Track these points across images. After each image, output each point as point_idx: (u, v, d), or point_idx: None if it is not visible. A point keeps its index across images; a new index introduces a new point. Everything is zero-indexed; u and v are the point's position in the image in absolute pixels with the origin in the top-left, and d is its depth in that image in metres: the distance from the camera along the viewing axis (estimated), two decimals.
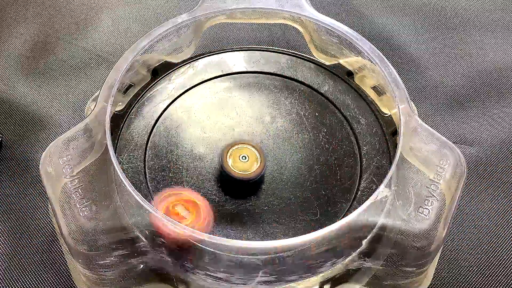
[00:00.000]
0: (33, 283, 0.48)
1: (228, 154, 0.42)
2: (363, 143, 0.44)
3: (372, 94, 0.46)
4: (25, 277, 0.48)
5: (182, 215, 0.36)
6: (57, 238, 0.49)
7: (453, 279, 0.49)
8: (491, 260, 0.50)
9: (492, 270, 0.49)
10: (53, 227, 0.50)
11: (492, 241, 0.51)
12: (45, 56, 0.61)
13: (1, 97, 0.58)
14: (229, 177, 0.41)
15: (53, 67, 0.60)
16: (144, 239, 0.39)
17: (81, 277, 0.42)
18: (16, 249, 0.50)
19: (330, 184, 0.42)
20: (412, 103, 0.44)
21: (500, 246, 0.51)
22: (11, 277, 0.48)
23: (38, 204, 0.52)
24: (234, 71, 0.47)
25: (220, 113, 0.45)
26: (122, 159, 0.43)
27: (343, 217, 0.41)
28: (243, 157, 0.42)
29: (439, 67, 0.61)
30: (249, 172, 0.41)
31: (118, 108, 0.45)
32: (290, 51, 0.48)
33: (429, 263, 0.42)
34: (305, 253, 0.40)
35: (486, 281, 0.49)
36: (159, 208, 0.36)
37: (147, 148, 0.43)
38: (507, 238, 0.51)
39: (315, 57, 0.49)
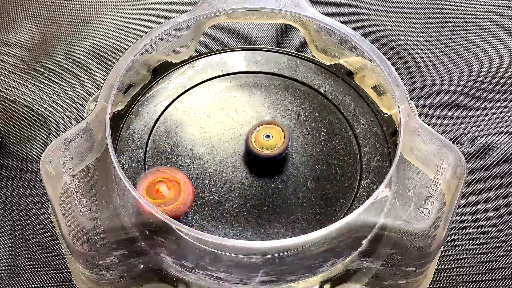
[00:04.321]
0: (33, 283, 0.48)
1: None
2: (363, 143, 0.44)
3: (372, 94, 0.46)
4: (25, 277, 0.48)
5: (161, 192, 0.38)
6: (57, 238, 0.49)
7: (453, 279, 0.49)
8: (492, 260, 0.50)
9: (492, 270, 0.49)
10: (53, 227, 0.50)
11: (493, 241, 0.51)
12: (45, 56, 0.61)
13: (1, 97, 0.58)
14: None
15: (53, 67, 0.60)
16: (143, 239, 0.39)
17: (81, 277, 0.42)
18: (16, 249, 0.50)
19: (330, 184, 0.42)
20: (412, 103, 0.44)
21: (500, 246, 0.51)
22: (11, 277, 0.48)
23: (38, 204, 0.52)
24: (234, 71, 0.47)
25: (220, 113, 0.45)
26: (122, 159, 0.43)
27: (343, 217, 0.41)
28: (267, 141, 0.42)
29: (439, 67, 0.61)
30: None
31: (118, 108, 0.45)
32: (290, 51, 0.48)
33: (429, 263, 0.42)
34: (305, 253, 0.40)
35: (486, 281, 0.49)
36: (143, 185, 0.38)
37: (147, 148, 0.43)
38: (507, 238, 0.51)
39: (315, 57, 0.49)
